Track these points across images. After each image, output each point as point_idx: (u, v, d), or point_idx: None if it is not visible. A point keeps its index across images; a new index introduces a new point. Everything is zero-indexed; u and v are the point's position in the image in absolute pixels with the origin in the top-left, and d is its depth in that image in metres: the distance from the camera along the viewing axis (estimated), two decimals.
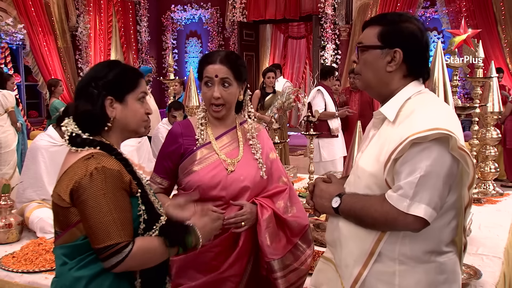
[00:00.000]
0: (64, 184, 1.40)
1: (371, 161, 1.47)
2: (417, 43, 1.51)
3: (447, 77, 2.04)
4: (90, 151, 1.42)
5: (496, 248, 2.57)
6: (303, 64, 14.46)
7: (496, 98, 3.67)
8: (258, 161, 1.97)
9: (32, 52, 8.71)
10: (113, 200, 1.37)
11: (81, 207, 1.37)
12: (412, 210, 1.35)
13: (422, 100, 1.49)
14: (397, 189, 1.37)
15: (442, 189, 1.36)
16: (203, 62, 1.93)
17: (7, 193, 2.71)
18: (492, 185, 3.79)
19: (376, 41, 1.51)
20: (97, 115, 1.46)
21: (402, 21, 1.51)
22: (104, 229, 1.35)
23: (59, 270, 1.46)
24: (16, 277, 2.23)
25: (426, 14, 9.06)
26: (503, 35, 8.17)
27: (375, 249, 1.45)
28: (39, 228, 2.74)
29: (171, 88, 5.28)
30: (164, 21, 11.48)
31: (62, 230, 1.44)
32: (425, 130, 1.34)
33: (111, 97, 1.47)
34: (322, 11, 9.50)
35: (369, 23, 1.57)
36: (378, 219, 1.41)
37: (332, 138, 5.77)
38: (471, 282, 2.11)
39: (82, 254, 1.41)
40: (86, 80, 1.49)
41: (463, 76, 7.03)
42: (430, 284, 1.45)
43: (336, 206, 1.51)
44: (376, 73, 1.52)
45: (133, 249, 1.37)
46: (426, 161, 1.34)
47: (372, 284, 1.47)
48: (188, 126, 1.96)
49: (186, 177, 1.88)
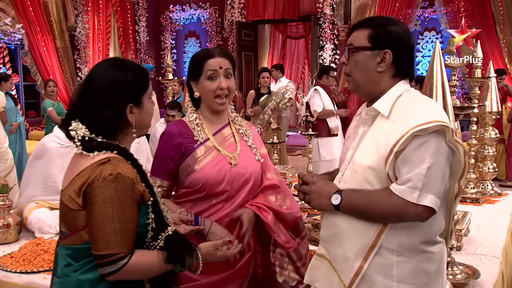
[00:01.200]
0: (77, 186, 1.38)
1: (369, 155, 1.52)
2: (405, 45, 1.58)
3: (445, 77, 2.04)
4: (106, 155, 1.39)
5: (495, 248, 2.57)
6: (301, 64, 14.47)
7: (494, 98, 3.68)
8: (252, 147, 2.01)
9: (31, 52, 8.70)
10: (119, 209, 1.35)
11: (88, 211, 1.37)
12: (422, 201, 1.41)
13: (413, 96, 1.57)
14: (404, 181, 1.42)
15: (444, 178, 1.44)
16: (201, 57, 1.93)
17: (5, 193, 2.71)
18: (491, 185, 3.79)
19: (366, 42, 1.57)
20: (118, 122, 1.44)
21: (390, 24, 1.59)
22: (103, 237, 1.34)
23: (62, 270, 1.44)
24: (14, 277, 2.23)
25: (424, 14, 9.08)
26: (502, 35, 8.17)
27: (376, 242, 1.50)
28: (37, 228, 2.74)
29: (169, 88, 5.27)
30: (163, 21, 11.47)
31: (69, 232, 1.43)
32: (426, 123, 1.41)
33: (131, 103, 1.45)
34: (320, 11, 9.50)
35: (358, 26, 1.63)
36: (386, 212, 1.45)
37: (331, 137, 5.78)
38: (470, 282, 2.11)
39: (88, 257, 1.40)
40: (102, 86, 1.43)
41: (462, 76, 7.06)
42: (424, 273, 1.51)
43: (337, 203, 1.54)
44: (367, 73, 1.58)
45: (129, 262, 1.36)
46: (429, 152, 1.41)
47: (371, 277, 1.52)
48: (185, 126, 1.96)
49: (190, 175, 1.88)
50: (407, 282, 1.49)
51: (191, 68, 1.96)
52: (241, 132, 2.03)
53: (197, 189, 1.88)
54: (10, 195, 2.79)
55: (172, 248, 1.45)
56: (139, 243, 1.43)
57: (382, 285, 1.50)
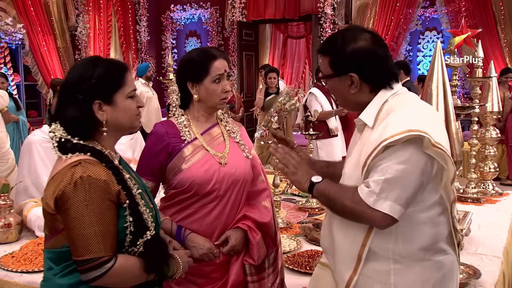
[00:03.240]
0: (50, 190, 1.36)
1: (353, 165, 1.53)
2: (369, 59, 1.50)
3: (446, 77, 2.04)
4: (78, 157, 1.36)
5: (496, 247, 2.57)
6: (302, 64, 14.46)
7: (495, 98, 3.68)
8: (240, 143, 2.00)
9: (32, 51, 8.70)
10: (96, 212, 1.31)
11: (64, 216, 1.33)
12: (378, 206, 1.39)
13: (398, 102, 1.51)
14: (367, 184, 1.42)
15: (414, 187, 1.40)
16: (205, 59, 1.88)
17: (6, 193, 2.71)
18: (492, 185, 3.79)
19: (330, 70, 1.56)
20: (86, 120, 1.40)
21: (347, 42, 1.50)
22: (84, 242, 1.30)
23: (46, 274, 1.44)
24: (15, 276, 2.23)
25: (425, 13, 9.06)
26: (503, 35, 8.17)
27: (361, 254, 1.49)
28: (37, 226, 2.74)
29: (170, 87, 5.27)
30: (164, 20, 11.47)
31: (50, 235, 1.42)
32: (397, 134, 1.38)
33: (99, 100, 1.41)
34: (321, 11, 9.49)
35: (320, 51, 1.60)
36: (347, 207, 1.46)
37: (331, 138, 5.76)
38: (471, 282, 2.11)
39: (67, 261, 1.38)
40: (70, 84, 1.41)
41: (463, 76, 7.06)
42: (426, 282, 1.48)
43: (317, 181, 1.53)
44: (344, 97, 1.58)
45: (114, 266, 1.33)
46: (397, 160, 1.39)
47: (368, 284, 1.50)
48: (172, 125, 1.93)
49: (177, 175, 1.85)
50: None
51: (191, 70, 1.89)
52: (228, 129, 2.02)
53: (185, 189, 1.85)
54: (11, 195, 2.79)
55: (151, 256, 1.41)
56: (118, 248, 1.38)
57: None
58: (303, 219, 3.13)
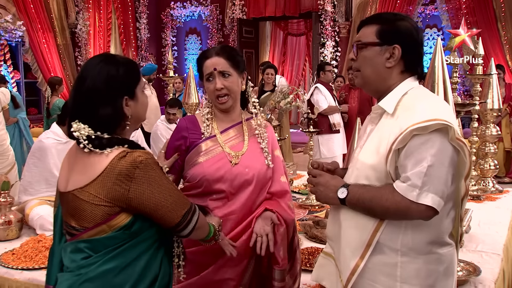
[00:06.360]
0: (106, 185, 1.38)
1: (371, 154, 1.52)
2: (414, 40, 1.57)
3: (446, 74, 2.04)
4: (120, 149, 1.41)
5: (496, 245, 2.57)
6: (302, 61, 14.46)
7: (496, 95, 3.67)
8: (264, 150, 1.98)
9: (32, 49, 8.70)
10: (168, 181, 1.46)
11: (141, 198, 1.40)
12: (421, 200, 1.40)
13: (419, 93, 1.55)
14: (405, 179, 1.42)
15: (447, 178, 1.42)
16: (201, 59, 1.96)
17: (6, 190, 2.71)
18: (492, 182, 3.79)
19: (375, 38, 1.57)
20: (117, 116, 1.46)
21: (398, 19, 1.59)
22: (175, 202, 1.45)
23: (80, 263, 1.44)
24: (16, 273, 2.23)
25: (426, 11, 9.07)
26: (503, 32, 8.16)
27: (372, 240, 1.49)
28: (39, 225, 2.75)
29: (170, 85, 5.27)
30: (164, 18, 11.46)
31: (86, 227, 1.43)
32: (425, 121, 1.40)
33: (126, 96, 1.47)
34: (321, 8, 9.49)
35: (366, 22, 1.63)
36: (389, 208, 1.45)
37: (332, 134, 5.77)
38: (470, 279, 2.11)
39: (108, 247, 1.42)
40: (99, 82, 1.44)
41: (463, 73, 7.05)
42: (429, 275, 1.49)
43: (343, 197, 1.53)
44: (376, 68, 1.57)
45: (196, 211, 1.52)
46: (430, 151, 1.40)
47: (373, 276, 1.51)
48: (193, 121, 1.99)
49: (190, 169, 1.90)
50: (411, 283, 1.48)
51: (198, 69, 1.99)
52: (256, 133, 2.00)
53: (195, 184, 1.88)
54: (12, 192, 2.80)
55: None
56: None
57: (385, 284, 1.49)
58: (303, 217, 3.14)
